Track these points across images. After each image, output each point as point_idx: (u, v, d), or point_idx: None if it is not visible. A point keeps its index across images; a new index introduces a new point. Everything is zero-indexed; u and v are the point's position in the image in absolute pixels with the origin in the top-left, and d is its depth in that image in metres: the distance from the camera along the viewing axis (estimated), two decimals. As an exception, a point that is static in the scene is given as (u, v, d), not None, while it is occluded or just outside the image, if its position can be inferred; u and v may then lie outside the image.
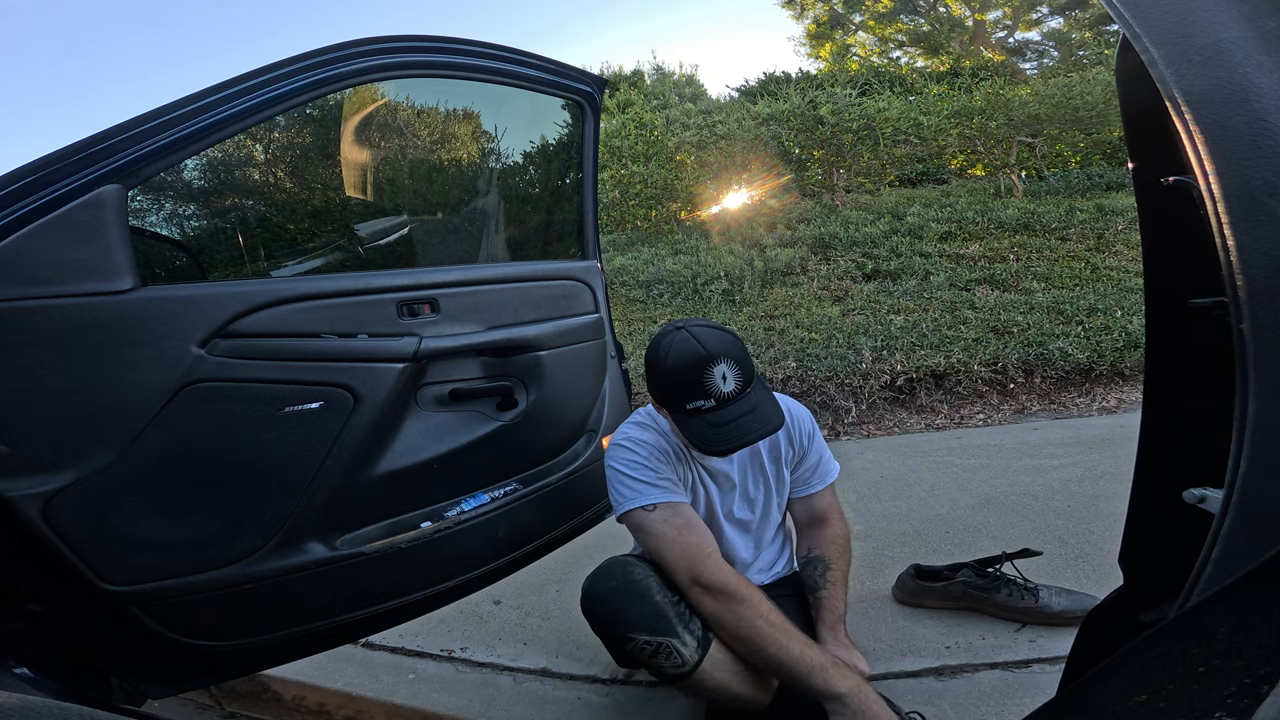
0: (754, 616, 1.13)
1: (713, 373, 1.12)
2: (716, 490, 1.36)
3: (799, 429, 1.39)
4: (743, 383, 1.15)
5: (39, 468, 0.98)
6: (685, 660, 1.13)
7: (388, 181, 1.77)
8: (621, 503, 1.24)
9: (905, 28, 16.80)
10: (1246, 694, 0.39)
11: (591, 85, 1.67)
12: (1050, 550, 1.90)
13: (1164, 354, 1.05)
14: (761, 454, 1.38)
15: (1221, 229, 0.57)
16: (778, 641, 1.11)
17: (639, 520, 1.21)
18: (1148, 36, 0.65)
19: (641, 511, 1.21)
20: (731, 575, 1.18)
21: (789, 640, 1.12)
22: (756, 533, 1.43)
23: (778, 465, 1.39)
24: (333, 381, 1.21)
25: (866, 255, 5.91)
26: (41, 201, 0.94)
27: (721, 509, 1.37)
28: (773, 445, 1.38)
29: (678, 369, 1.15)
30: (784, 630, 1.13)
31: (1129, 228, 5.83)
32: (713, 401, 1.13)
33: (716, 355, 1.13)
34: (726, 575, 1.17)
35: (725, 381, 1.12)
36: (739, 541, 1.41)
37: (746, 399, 1.15)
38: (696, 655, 1.14)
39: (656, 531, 1.19)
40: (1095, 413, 3.62)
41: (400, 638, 1.88)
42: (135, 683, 1.22)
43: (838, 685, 1.07)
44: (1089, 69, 9.00)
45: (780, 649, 1.11)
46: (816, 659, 1.11)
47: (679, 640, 1.13)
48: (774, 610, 1.16)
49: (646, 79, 14.82)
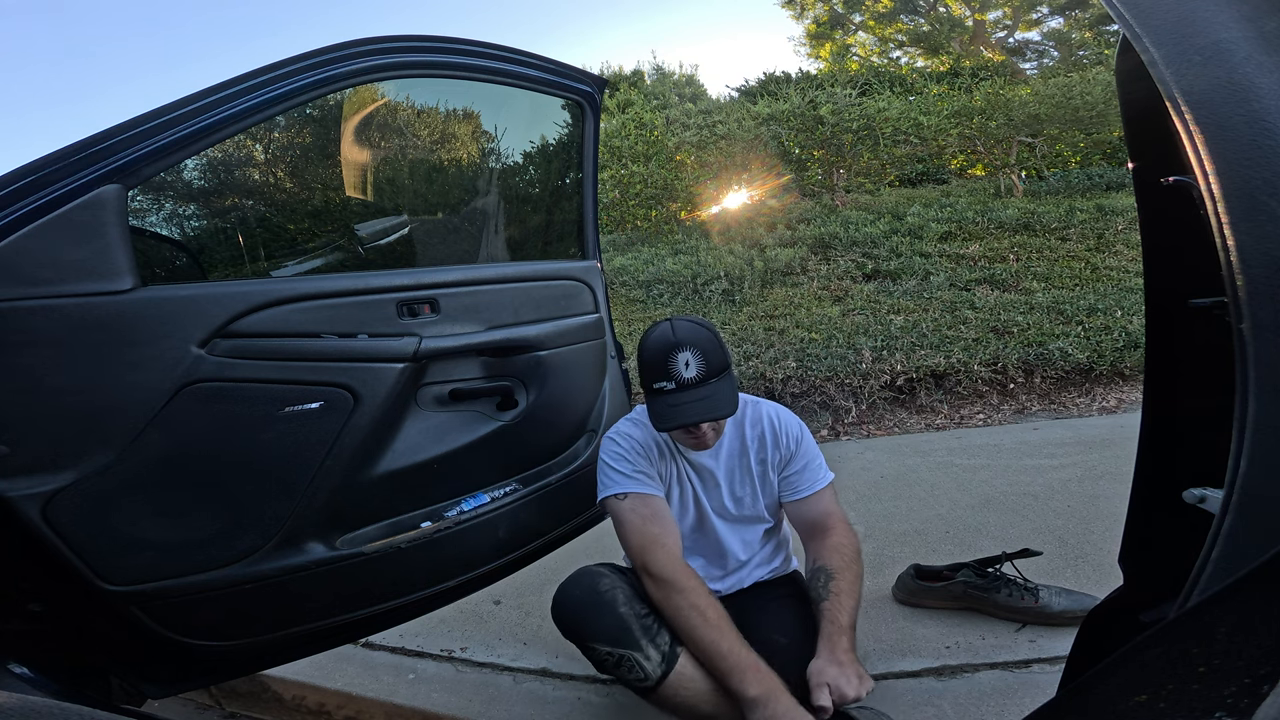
0: (688, 607, 1.17)
1: (676, 358, 1.23)
2: (701, 485, 1.40)
3: (785, 433, 1.40)
4: (705, 373, 1.23)
5: (39, 468, 0.98)
6: (647, 674, 1.15)
7: (388, 181, 1.77)
8: (601, 491, 1.35)
9: (905, 28, 16.80)
10: (1246, 694, 0.39)
11: (591, 85, 1.67)
12: (1050, 550, 1.90)
13: (1164, 354, 1.05)
14: (749, 454, 1.40)
15: (1221, 229, 0.57)
16: (709, 636, 1.14)
17: (612, 508, 1.31)
18: (1148, 36, 0.65)
19: (614, 499, 1.30)
20: (678, 566, 1.22)
21: (719, 636, 1.14)
22: (748, 530, 1.44)
23: (764, 466, 1.40)
24: (333, 381, 1.21)
25: (866, 255, 5.91)
26: (41, 201, 0.94)
27: (710, 505, 1.41)
28: (759, 447, 1.40)
29: (650, 351, 1.27)
30: (717, 626, 1.15)
31: (1129, 228, 5.83)
32: (673, 384, 1.23)
33: (683, 343, 1.24)
34: (673, 565, 1.22)
35: (687, 368, 1.22)
36: (731, 538, 1.42)
37: (706, 387, 1.23)
38: (660, 670, 1.15)
39: (623, 519, 1.28)
40: (1095, 413, 3.62)
41: (400, 638, 1.88)
42: (135, 683, 1.22)
43: (749, 689, 1.09)
44: (1089, 69, 8.99)
45: (711, 643, 1.14)
46: (739, 661, 1.12)
47: (641, 654, 1.15)
48: (714, 606, 1.19)
49: (646, 79, 14.82)
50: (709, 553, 1.44)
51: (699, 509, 1.41)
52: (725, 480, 1.40)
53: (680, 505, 1.41)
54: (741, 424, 1.41)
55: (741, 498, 1.41)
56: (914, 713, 1.41)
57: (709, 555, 1.44)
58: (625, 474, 1.31)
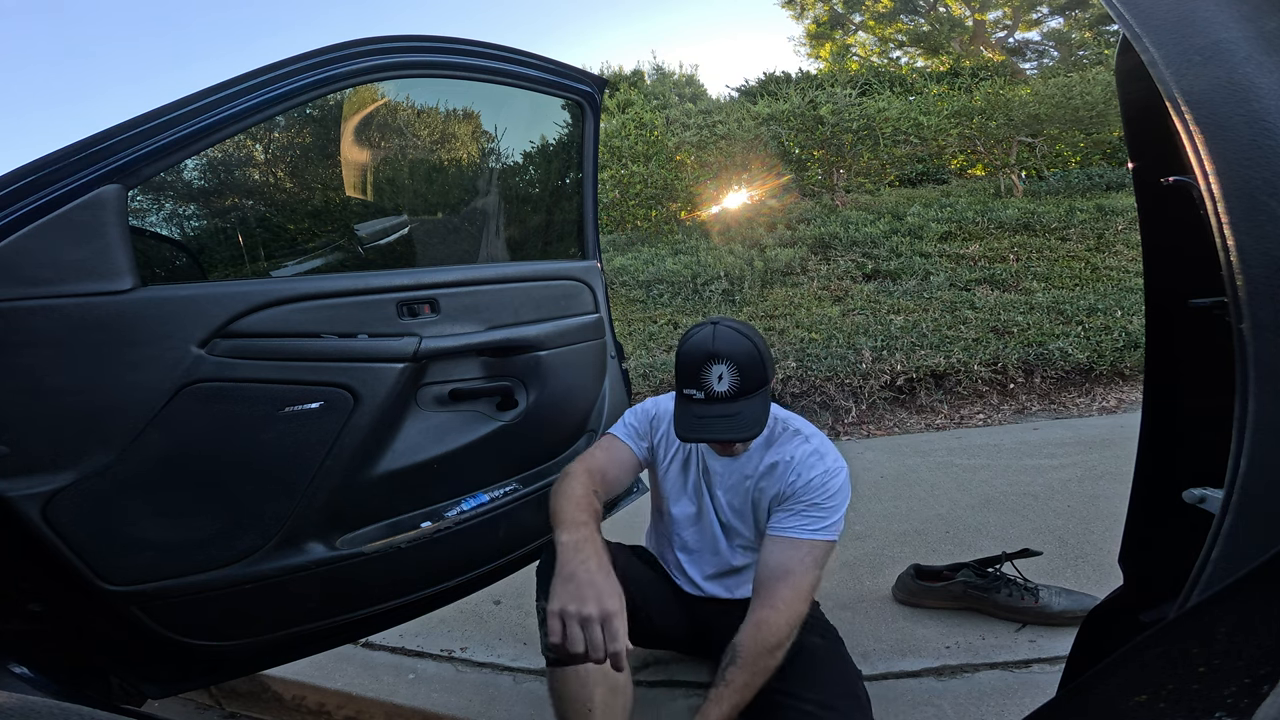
0: (558, 487, 1.22)
1: (711, 370, 1.17)
2: (707, 480, 1.39)
3: (796, 472, 1.28)
4: (738, 389, 1.17)
5: (39, 468, 0.98)
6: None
7: (388, 181, 1.77)
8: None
9: (905, 28, 16.80)
10: (1246, 694, 0.39)
11: (591, 85, 1.67)
12: (1050, 550, 1.90)
13: (1164, 354, 1.05)
14: (754, 477, 1.33)
15: (1221, 229, 0.57)
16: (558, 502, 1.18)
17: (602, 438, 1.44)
18: (1148, 36, 0.65)
19: (608, 434, 1.44)
20: (578, 467, 1.29)
21: (566, 503, 1.17)
22: (739, 545, 1.40)
23: (761, 495, 1.33)
24: (333, 381, 1.21)
25: (866, 255, 5.91)
26: (41, 201, 0.94)
27: (710, 502, 1.40)
28: (767, 474, 1.32)
29: (685, 355, 1.22)
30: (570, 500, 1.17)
31: (1129, 228, 5.83)
32: (702, 394, 1.18)
33: (720, 355, 1.17)
34: (576, 467, 1.29)
35: (720, 381, 1.17)
36: (725, 543, 1.40)
37: (735, 404, 1.18)
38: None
39: (595, 447, 1.41)
40: (1095, 413, 3.62)
41: (400, 638, 1.88)
42: (135, 683, 1.22)
43: (560, 534, 1.09)
44: (1089, 69, 8.99)
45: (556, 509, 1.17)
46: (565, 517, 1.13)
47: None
48: (584, 489, 1.21)
49: (646, 79, 14.82)
50: (703, 547, 1.42)
51: (699, 501, 1.40)
52: (725, 493, 1.37)
53: (681, 487, 1.41)
54: (767, 446, 1.33)
55: (742, 511, 1.37)
56: (914, 713, 1.41)
57: (702, 549, 1.42)
58: (623, 423, 1.43)
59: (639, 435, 1.41)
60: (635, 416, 1.43)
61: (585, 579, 0.96)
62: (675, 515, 1.43)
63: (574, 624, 0.91)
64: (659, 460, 1.43)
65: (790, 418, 1.38)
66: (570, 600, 0.93)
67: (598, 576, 0.97)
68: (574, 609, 0.92)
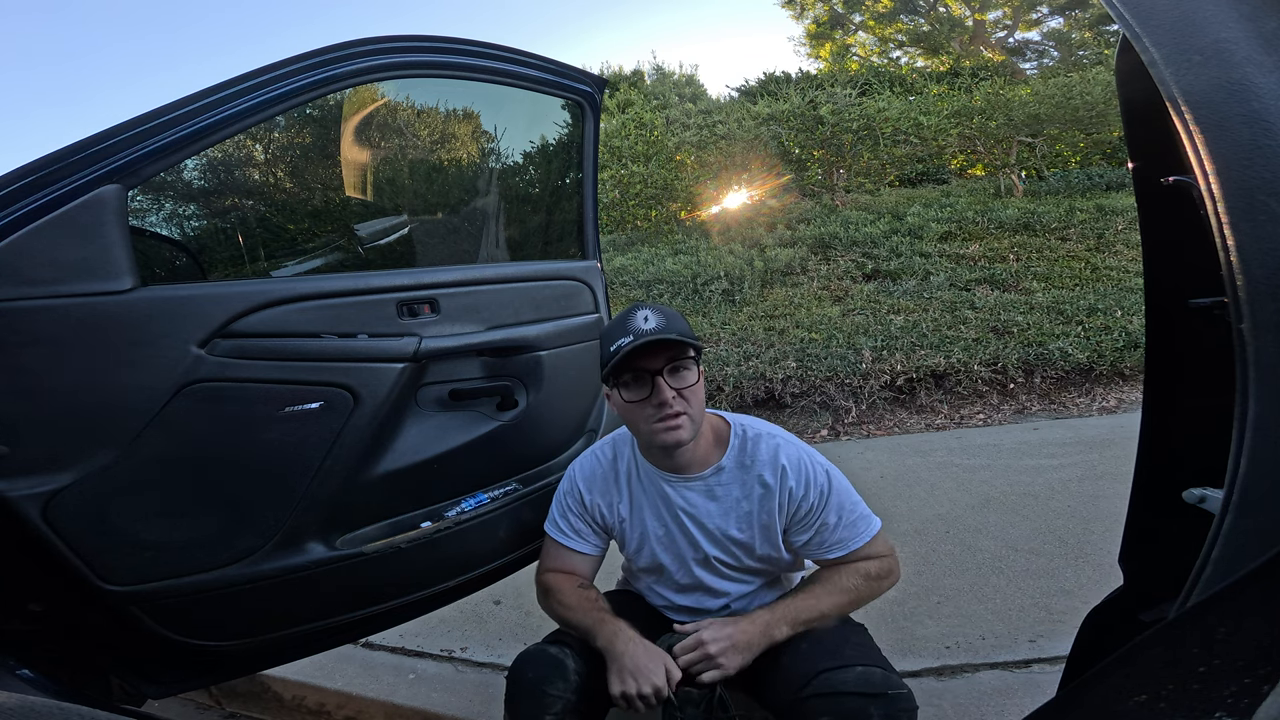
0: (555, 604, 1.30)
1: (636, 315, 1.20)
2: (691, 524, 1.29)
3: (800, 482, 1.24)
4: (666, 325, 1.20)
5: (39, 468, 0.98)
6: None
7: (388, 181, 1.76)
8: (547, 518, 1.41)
9: (905, 28, 16.81)
10: (1246, 694, 0.39)
11: (591, 85, 1.67)
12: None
13: (1164, 354, 1.05)
14: (754, 499, 1.26)
15: (1221, 229, 0.57)
16: (571, 618, 1.26)
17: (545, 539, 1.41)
18: (1148, 36, 0.65)
19: (547, 535, 1.39)
20: (550, 579, 1.34)
21: (575, 615, 1.26)
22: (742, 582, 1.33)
23: (771, 516, 1.26)
24: (333, 381, 1.21)
25: (866, 255, 5.91)
26: (41, 201, 0.94)
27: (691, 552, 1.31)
28: (770, 496, 1.26)
29: (613, 321, 1.25)
30: (578, 609, 1.26)
31: (1129, 228, 5.83)
32: (631, 338, 1.18)
33: (642, 305, 1.22)
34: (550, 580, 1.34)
35: (646, 321, 1.19)
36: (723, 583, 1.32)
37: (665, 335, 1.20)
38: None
39: (542, 560, 1.40)
40: (1095, 413, 3.62)
41: (400, 638, 1.88)
42: (135, 683, 1.23)
43: (598, 641, 1.19)
44: (1089, 69, 9.00)
45: (574, 623, 1.25)
46: (591, 621, 1.22)
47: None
48: (575, 594, 1.30)
49: (646, 79, 14.82)
50: (699, 590, 1.33)
51: (679, 555, 1.31)
52: (717, 519, 1.28)
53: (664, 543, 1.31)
54: (741, 459, 1.27)
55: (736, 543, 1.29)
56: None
57: (700, 592, 1.33)
58: (560, 522, 1.37)
59: (580, 527, 1.35)
60: (561, 508, 1.36)
61: (631, 666, 1.14)
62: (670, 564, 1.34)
63: (636, 701, 1.12)
64: (614, 524, 1.34)
65: (744, 420, 1.32)
66: (629, 685, 1.12)
67: (641, 660, 1.14)
68: (634, 691, 1.11)
